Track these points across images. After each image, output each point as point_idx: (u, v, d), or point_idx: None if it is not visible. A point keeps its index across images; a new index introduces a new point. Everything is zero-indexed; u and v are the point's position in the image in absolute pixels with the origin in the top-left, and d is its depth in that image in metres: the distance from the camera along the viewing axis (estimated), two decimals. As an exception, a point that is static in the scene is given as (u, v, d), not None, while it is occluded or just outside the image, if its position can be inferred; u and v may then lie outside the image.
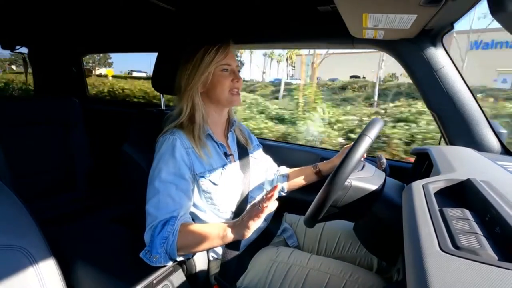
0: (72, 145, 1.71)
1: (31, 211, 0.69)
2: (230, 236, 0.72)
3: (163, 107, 1.20)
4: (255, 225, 0.68)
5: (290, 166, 1.20)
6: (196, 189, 0.86)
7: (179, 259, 0.77)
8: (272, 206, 0.68)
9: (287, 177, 1.13)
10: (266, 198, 0.67)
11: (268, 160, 1.15)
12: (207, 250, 0.91)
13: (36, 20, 1.51)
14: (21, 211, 0.68)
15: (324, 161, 1.10)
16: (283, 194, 1.14)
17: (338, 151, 1.13)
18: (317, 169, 1.08)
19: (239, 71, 0.92)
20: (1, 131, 1.46)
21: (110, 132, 1.87)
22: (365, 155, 0.94)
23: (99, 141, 1.87)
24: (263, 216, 0.68)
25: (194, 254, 0.87)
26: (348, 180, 0.70)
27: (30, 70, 2.03)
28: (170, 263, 0.77)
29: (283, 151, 1.41)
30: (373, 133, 0.68)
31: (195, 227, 0.77)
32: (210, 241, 0.74)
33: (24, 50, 1.97)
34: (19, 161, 1.52)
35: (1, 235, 0.61)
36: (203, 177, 0.84)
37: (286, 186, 1.12)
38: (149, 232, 0.76)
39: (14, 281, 0.59)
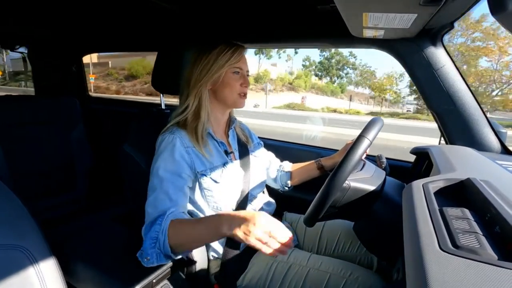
0: (72, 145, 1.71)
1: (31, 211, 0.69)
2: (225, 233, 0.63)
3: (163, 106, 1.20)
4: (253, 242, 0.60)
5: (290, 165, 1.20)
6: (197, 187, 0.86)
7: (178, 257, 0.74)
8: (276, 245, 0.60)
9: (290, 174, 1.15)
10: (282, 239, 0.60)
11: (270, 156, 1.17)
12: (207, 250, 0.91)
13: (35, 20, 1.51)
14: (21, 211, 0.68)
15: (326, 157, 1.11)
16: (287, 189, 1.17)
17: (338, 150, 1.14)
18: (320, 164, 1.10)
19: (248, 75, 0.94)
20: (1, 131, 1.46)
21: (110, 132, 1.87)
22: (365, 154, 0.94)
23: (99, 141, 1.87)
24: (267, 247, 0.60)
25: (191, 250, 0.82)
26: (346, 181, 0.70)
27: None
28: (168, 262, 0.74)
29: (283, 150, 1.41)
30: (371, 135, 0.67)
31: (187, 223, 0.71)
32: (204, 237, 0.69)
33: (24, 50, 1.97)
34: (19, 161, 1.52)
35: (1, 235, 0.61)
36: (204, 175, 0.85)
37: (290, 182, 1.15)
38: (143, 231, 0.74)
39: (15, 281, 0.59)
